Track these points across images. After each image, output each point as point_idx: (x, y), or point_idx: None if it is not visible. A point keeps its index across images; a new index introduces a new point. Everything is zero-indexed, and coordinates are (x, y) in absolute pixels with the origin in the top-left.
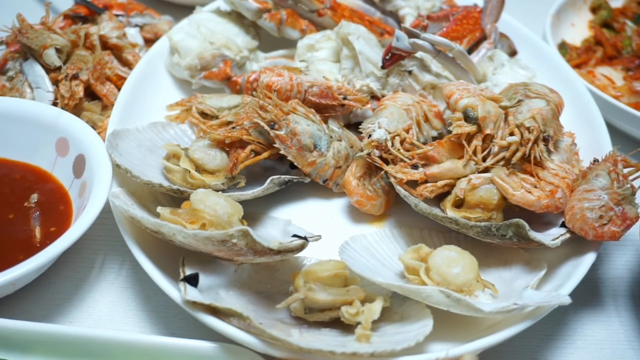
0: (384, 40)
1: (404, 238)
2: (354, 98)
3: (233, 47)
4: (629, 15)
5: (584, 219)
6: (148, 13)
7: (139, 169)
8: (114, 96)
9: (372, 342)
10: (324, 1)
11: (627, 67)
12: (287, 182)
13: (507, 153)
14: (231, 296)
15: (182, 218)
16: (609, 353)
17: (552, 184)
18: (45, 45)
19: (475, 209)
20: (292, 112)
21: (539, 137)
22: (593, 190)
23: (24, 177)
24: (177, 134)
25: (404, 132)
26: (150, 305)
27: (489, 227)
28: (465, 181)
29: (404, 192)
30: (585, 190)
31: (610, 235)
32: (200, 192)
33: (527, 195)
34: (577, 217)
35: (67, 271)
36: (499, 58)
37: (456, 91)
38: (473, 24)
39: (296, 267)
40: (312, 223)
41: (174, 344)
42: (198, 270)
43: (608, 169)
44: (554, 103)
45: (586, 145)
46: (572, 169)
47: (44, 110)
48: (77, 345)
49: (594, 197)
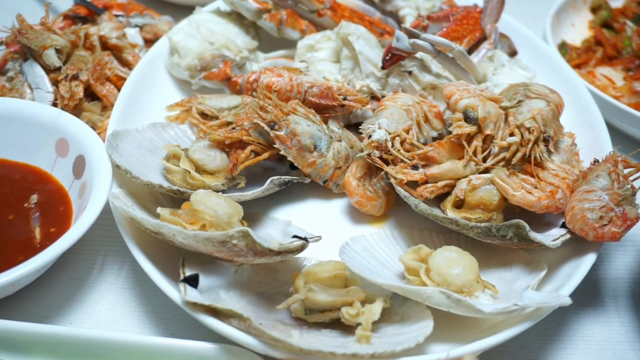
0: (384, 40)
1: (404, 239)
2: (354, 98)
3: (233, 48)
4: (629, 15)
5: (584, 219)
6: (148, 13)
7: (139, 169)
8: (113, 97)
9: (372, 343)
10: (323, 1)
11: (627, 68)
12: (287, 183)
13: (507, 154)
14: (231, 297)
15: (182, 219)
16: (610, 354)
17: (553, 184)
18: (45, 46)
19: (476, 209)
20: (292, 113)
21: (539, 137)
22: (593, 190)
23: (24, 178)
24: (177, 135)
25: (404, 132)
26: (150, 306)
27: (489, 227)
28: (466, 182)
29: (404, 192)
30: (585, 191)
31: (610, 236)
32: (200, 193)
33: (528, 195)
34: (578, 218)
35: (67, 272)
36: (499, 58)
37: (456, 92)
38: (473, 24)
39: (296, 268)
40: (312, 224)
41: (173, 345)
42: (198, 271)
43: (608, 170)
44: (554, 103)
45: (586, 146)
46: (572, 170)
47: (44, 111)
48: (77, 346)
49: (594, 197)
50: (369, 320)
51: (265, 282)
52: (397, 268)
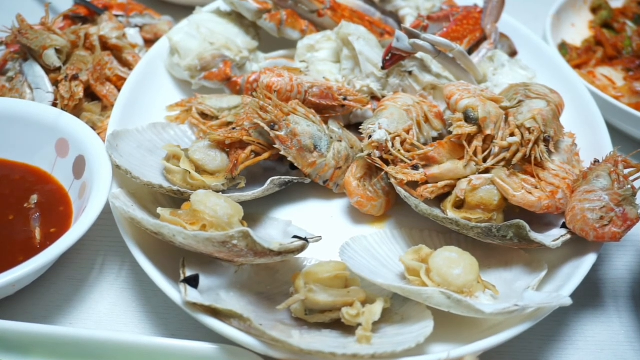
0: (384, 40)
1: (404, 239)
2: (354, 99)
3: (233, 48)
4: (629, 15)
5: (584, 219)
6: (148, 13)
7: (139, 170)
8: (114, 97)
9: (372, 344)
10: (324, 1)
11: (628, 68)
12: (287, 183)
13: (507, 154)
14: (231, 297)
15: (182, 219)
16: (610, 354)
17: (553, 184)
18: (45, 46)
19: (476, 209)
20: (292, 113)
21: (540, 138)
22: (594, 191)
23: (24, 178)
24: (178, 135)
25: (404, 132)
26: (150, 307)
27: (489, 228)
28: (466, 182)
29: (404, 193)
30: (586, 191)
31: (611, 236)
32: (200, 194)
33: (528, 196)
34: (578, 218)
35: (67, 272)
36: (499, 58)
37: (457, 92)
38: (473, 24)
39: (296, 268)
40: (312, 224)
41: (173, 345)
42: (198, 272)
43: (609, 170)
44: (554, 104)
45: (587, 146)
46: (572, 170)
47: (44, 111)
48: (77, 347)
49: (594, 197)
50: (370, 320)
51: (266, 283)
52: (398, 268)
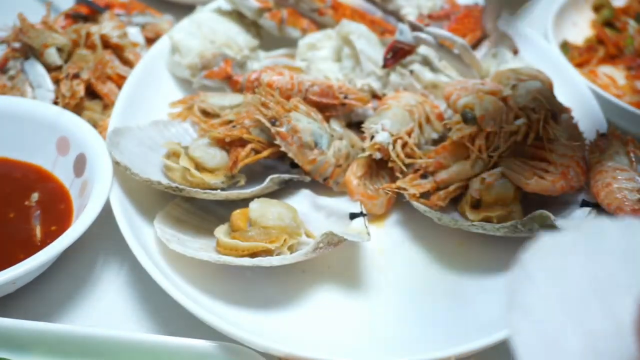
0: (385, 39)
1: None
2: (355, 97)
3: (234, 46)
4: (632, 14)
5: (624, 199)
6: (149, 12)
7: (139, 166)
8: (115, 95)
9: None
10: (325, 0)
11: (629, 66)
12: (287, 181)
13: (518, 136)
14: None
15: (259, 240)
16: None
17: (562, 164)
18: (46, 45)
19: (494, 206)
20: (293, 110)
21: (548, 115)
22: (625, 170)
23: (25, 176)
24: (179, 132)
25: (406, 135)
26: (150, 305)
27: (515, 225)
28: (478, 181)
29: (423, 207)
30: (616, 169)
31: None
32: (257, 209)
33: (541, 181)
34: (617, 197)
35: (68, 270)
36: (502, 56)
37: (454, 91)
38: (474, 23)
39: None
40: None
41: (174, 343)
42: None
43: (625, 149)
44: (547, 83)
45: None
46: (579, 146)
47: (44, 109)
48: (78, 344)
49: (629, 177)
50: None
51: None
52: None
